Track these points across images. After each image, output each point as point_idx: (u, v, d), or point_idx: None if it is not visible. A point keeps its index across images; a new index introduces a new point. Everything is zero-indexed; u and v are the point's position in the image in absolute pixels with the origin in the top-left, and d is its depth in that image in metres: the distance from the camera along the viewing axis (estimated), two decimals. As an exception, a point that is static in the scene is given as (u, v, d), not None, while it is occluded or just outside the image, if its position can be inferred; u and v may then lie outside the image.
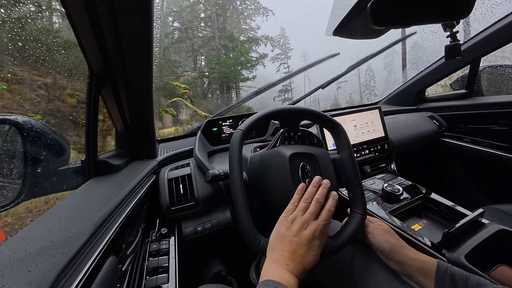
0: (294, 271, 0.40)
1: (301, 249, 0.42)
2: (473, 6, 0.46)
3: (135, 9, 0.47)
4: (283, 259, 0.41)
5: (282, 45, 33.00)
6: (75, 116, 3.55)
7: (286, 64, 33.29)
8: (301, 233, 0.43)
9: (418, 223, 0.83)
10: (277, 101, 31.45)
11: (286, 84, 30.79)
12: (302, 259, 0.41)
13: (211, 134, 1.14)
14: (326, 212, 0.46)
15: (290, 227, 0.44)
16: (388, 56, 61.02)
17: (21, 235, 0.37)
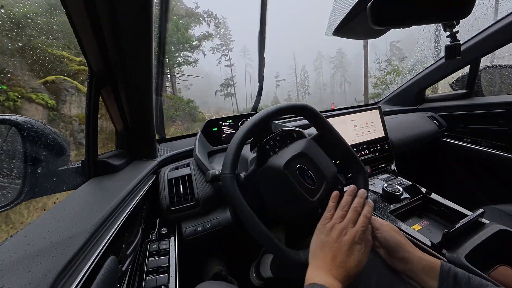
0: (337, 277, 0.40)
1: (342, 254, 0.42)
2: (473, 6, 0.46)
3: (135, 9, 0.47)
4: (326, 265, 0.42)
5: (223, 35, 30.84)
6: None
7: (228, 56, 31.34)
8: (341, 239, 0.44)
9: (418, 223, 0.83)
10: (218, 95, 30.10)
11: (228, 78, 29.69)
12: (344, 265, 0.42)
13: (211, 134, 1.14)
14: (363, 218, 0.47)
15: (330, 234, 0.45)
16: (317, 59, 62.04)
17: (21, 235, 0.37)
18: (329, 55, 59.64)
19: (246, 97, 54.40)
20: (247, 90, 50.78)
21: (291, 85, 53.44)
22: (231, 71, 31.38)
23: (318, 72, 60.15)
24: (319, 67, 59.70)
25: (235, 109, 36.49)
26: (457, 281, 0.43)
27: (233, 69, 31.52)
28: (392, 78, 12.13)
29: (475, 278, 0.43)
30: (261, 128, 0.57)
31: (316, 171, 0.58)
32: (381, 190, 0.96)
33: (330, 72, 60.48)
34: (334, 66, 57.54)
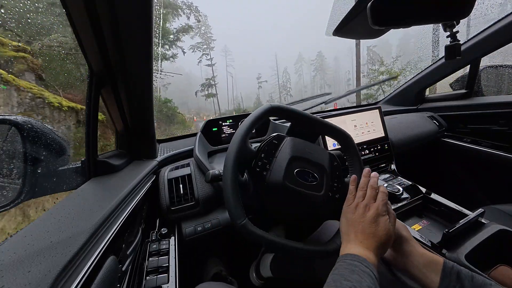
0: (369, 247, 0.44)
1: (371, 227, 0.46)
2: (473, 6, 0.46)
3: (135, 9, 0.47)
4: (357, 239, 0.45)
5: (203, 34, 29.58)
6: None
7: (209, 55, 30.12)
8: (366, 214, 0.48)
9: (418, 223, 0.83)
10: (199, 96, 28.85)
11: (209, 78, 28.51)
12: (373, 236, 0.45)
13: (211, 134, 1.14)
14: (382, 194, 0.51)
15: (355, 212, 0.49)
16: (297, 62, 62.32)
17: (21, 235, 0.37)
18: (310, 57, 60.10)
19: (228, 98, 53.92)
20: (229, 91, 50.18)
21: (273, 87, 53.37)
22: (212, 70, 30.38)
23: (299, 74, 60.60)
24: (300, 70, 60.14)
25: (217, 110, 35.64)
26: (460, 279, 0.43)
27: (214, 69, 30.56)
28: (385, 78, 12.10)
29: (478, 277, 0.43)
30: (243, 154, 0.55)
31: (313, 167, 0.58)
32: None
33: (310, 74, 60.88)
34: (315, 69, 57.95)
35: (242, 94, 25.43)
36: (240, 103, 36.07)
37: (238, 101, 32.83)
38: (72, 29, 0.51)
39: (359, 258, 0.40)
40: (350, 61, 60.47)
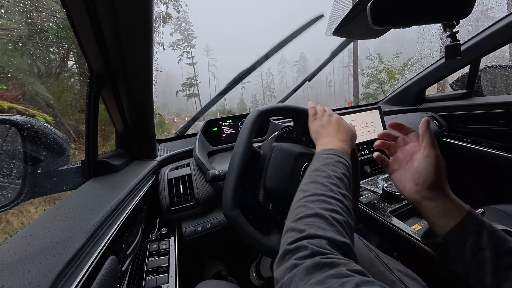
0: (342, 138, 0.49)
1: (338, 125, 0.53)
2: (473, 6, 0.46)
3: (135, 9, 0.47)
4: (330, 134, 0.50)
5: (184, 30, 27.60)
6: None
7: (190, 53, 28.25)
8: (331, 119, 0.54)
9: (418, 223, 0.83)
10: (180, 96, 27.25)
11: (191, 77, 27.04)
12: (342, 129, 0.52)
13: (211, 134, 1.14)
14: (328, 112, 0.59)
15: (322, 118, 0.55)
16: (280, 63, 62.24)
17: (21, 235, 0.37)
18: (293, 59, 60.05)
19: (210, 98, 53.24)
20: (211, 91, 49.04)
21: (257, 88, 52.88)
22: (194, 69, 28.96)
23: (282, 75, 60.40)
24: (283, 71, 59.99)
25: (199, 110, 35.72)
26: (480, 231, 0.38)
27: (195, 68, 29.09)
28: (384, 77, 11.58)
29: (500, 232, 0.40)
30: (249, 153, 0.56)
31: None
32: (381, 190, 0.96)
33: (293, 75, 60.88)
34: (298, 70, 58.03)
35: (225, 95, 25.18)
36: (224, 103, 35.61)
37: (221, 102, 32.07)
38: (72, 29, 0.51)
39: (334, 151, 0.44)
40: (331, 64, 60.89)
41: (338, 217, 0.30)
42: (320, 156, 0.43)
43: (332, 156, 0.42)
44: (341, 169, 0.39)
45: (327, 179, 0.36)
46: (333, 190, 0.34)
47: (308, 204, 0.31)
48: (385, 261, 0.61)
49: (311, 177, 0.38)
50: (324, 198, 0.32)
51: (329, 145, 0.46)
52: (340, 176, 0.38)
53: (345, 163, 0.41)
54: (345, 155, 0.44)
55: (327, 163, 0.40)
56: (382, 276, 0.57)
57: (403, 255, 0.82)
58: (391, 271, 0.58)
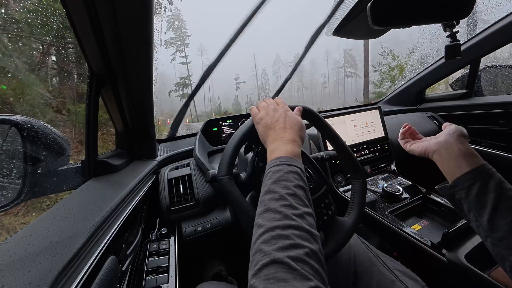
0: (290, 137, 0.46)
1: (285, 121, 0.49)
2: (473, 6, 0.46)
3: (135, 9, 0.47)
4: (278, 135, 0.47)
5: (177, 28, 26.85)
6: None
7: (184, 52, 27.37)
8: (275, 115, 0.51)
9: (418, 223, 0.83)
10: (173, 96, 26.41)
11: (184, 77, 26.19)
12: (290, 125, 0.49)
13: (211, 134, 1.14)
14: (277, 98, 0.57)
15: (266, 117, 0.51)
16: (275, 64, 61.82)
17: (21, 235, 0.37)
18: (287, 59, 59.54)
19: (204, 99, 51.89)
20: (205, 92, 47.94)
21: (252, 88, 51.80)
22: (187, 69, 28.10)
23: (277, 76, 59.85)
24: (278, 71, 59.53)
25: (193, 111, 33.21)
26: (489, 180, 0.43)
27: (189, 68, 28.20)
28: (396, 74, 10.73)
29: (507, 183, 0.44)
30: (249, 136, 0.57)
31: (317, 173, 0.58)
32: (381, 190, 0.96)
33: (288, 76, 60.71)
34: (293, 71, 57.54)
35: (219, 95, 24.05)
36: (219, 104, 34.73)
37: (215, 103, 30.71)
38: (72, 29, 0.51)
39: (282, 160, 0.41)
40: (326, 64, 60.54)
41: (298, 254, 0.27)
42: (270, 171, 0.41)
43: (281, 167, 0.40)
44: (293, 181, 0.37)
45: (279, 202, 0.34)
46: (288, 215, 0.32)
47: (264, 247, 0.29)
48: (384, 261, 0.61)
49: (264, 204, 0.35)
50: (280, 232, 0.30)
51: (277, 152, 0.44)
52: (293, 191, 0.36)
53: (296, 171, 0.40)
54: (296, 160, 0.42)
55: (277, 179, 0.38)
56: (382, 275, 0.57)
57: (403, 255, 0.82)
58: (390, 271, 0.58)
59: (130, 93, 0.68)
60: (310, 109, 0.60)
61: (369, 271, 0.59)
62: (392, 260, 0.63)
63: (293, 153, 0.43)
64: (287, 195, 0.35)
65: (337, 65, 59.08)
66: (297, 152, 0.44)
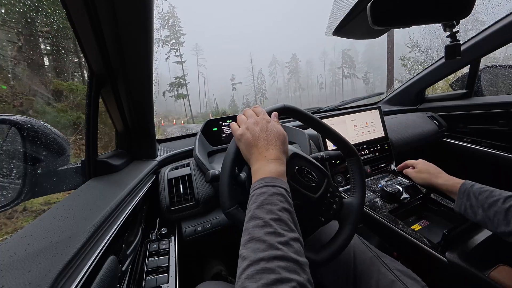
0: (273, 155, 0.45)
1: (267, 135, 0.47)
2: (473, 6, 0.46)
3: (135, 9, 0.47)
4: (261, 154, 0.45)
5: (171, 26, 25.99)
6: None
7: (178, 51, 26.51)
8: (256, 128, 0.48)
9: (418, 223, 0.83)
10: (167, 96, 25.59)
11: (179, 76, 25.12)
12: (273, 141, 0.47)
13: (211, 134, 1.14)
14: (256, 107, 0.55)
15: (246, 134, 0.49)
16: (272, 64, 61.34)
17: (21, 235, 0.37)
18: (284, 60, 59.15)
19: (200, 100, 50.62)
20: (201, 93, 46.30)
21: (248, 89, 50.88)
22: (182, 68, 26.78)
23: (273, 77, 59.06)
24: (274, 72, 58.88)
25: (188, 112, 31.85)
26: (469, 198, 0.62)
27: (184, 68, 26.90)
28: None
29: (485, 192, 0.57)
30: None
31: (316, 169, 0.58)
32: (381, 190, 0.96)
33: (284, 77, 59.84)
34: (290, 71, 56.81)
35: (215, 96, 23.50)
36: (217, 104, 34.21)
37: (211, 103, 29.95)
38: (72, 29, 0.51)
39: (266, 181, 0.40)
40: (323, 65, 60.24)
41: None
42: (254, 193, 0.39)
43: (265, 190, 0.38)
44: (277, 204, 0.36)
45: (263, 229, 0.32)
46: (273, 245, 0.30)
47: (248, 284, 0.27)
48: (385, 261, 0.61)
49: (248, 232, 0.34)
50: (264, 266, 0.28)
51: (260, 172, 0.42)
52: (277, 216, 0.34)
53: (281, 192, 0.38)
54: (280, 180, 0.40)
55: (261, 203, 0.36)
56: (382, 275, 0.57)
57: (403, 255, 0.82)
58: (390, 270, 0.58)
59: (130, 93, 0.68)
60: (287, 106, 0.59)
61: (369, 271, 0.59)
62: (392, 260, 0.63)
63: (277, 173, 0.42)
64: (271, 220, 0.33)
65: (334, 66, 58.86)
66: (281, 171, 0.43)
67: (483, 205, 0.57)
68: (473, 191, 0.61)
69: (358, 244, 0.66)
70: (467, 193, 0.62)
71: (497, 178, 1.26)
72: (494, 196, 0.57)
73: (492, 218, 0.55)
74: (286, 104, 0.59)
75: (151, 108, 0.78)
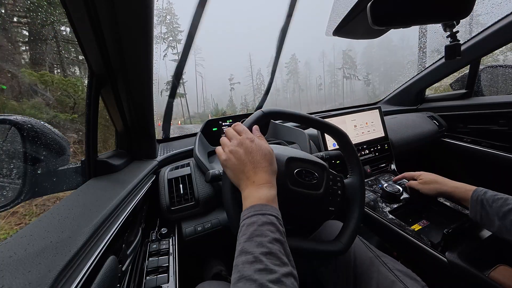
0: (262, 179, 0.43)
1: (253, 157, 0.45)
2: (473, 6, 0.46)
3: (135, 9, 0.47)
4: (249, 180, 0.43)
5: (169, 23, 25.29)
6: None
7: (176, 49, 25.71)
8: (239, 153, 0.46)
9: (418, 223, 0.83)
10: (164, 95, 24.17)
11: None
12: (260, 162, 0.45)
13: (211, 134, 1.14)
14: (237, 125, 0.52)
15: (231, 159, 0.46)
16: (270, 65, 60.80)
17: (21, 235, 0.37)
18: (282, 60, 58.53)
19: (197, 100, 50.14)
20: (198, 93, 45.09)
21: (247, 89, 49.85)
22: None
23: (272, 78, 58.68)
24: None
25: (185, 112, 31.07)
26: (483, 205, 0.59)
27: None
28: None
29: (499, 200, 0.56)
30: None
31: (314, 166, 0.58)
32: (381, 190, 0.96)
33: (283, 78, 58.89)
34: (289, 72, 55.76)
35: (213, 96, 22.92)
36: (217, 104, 33.60)
37: (208, 103, 29.43)
38: (72, 29, 0.51)
39: (255, 209, 0.38)
40: (322, 66, 59.90)
41: None
42: (243, 224, 0.38)
43: (254, 219, 0.37)
44: (268, 235, 0.34)
45: (254, 266, 0.31)
46: (263, 284, 0.29)
47: None
48: (385, 261, 0.61)
49: (238, 270, 0.32)
50: None
51: (250, 199, 0.41)
52: (268, 249, 0.32)
53: (271, 221, 0.37)
54: (270, 207, 0.39)
55: (251, 235, 0.35)
56: (382, 275, 0.57)
57: (403, 255, 0.82)
58: (390, 270, 0.58)
59: (130, 93, 0.68)
60: (266, 112, 0.57)
61: (369, 271, 0.59)
62: (392, 260, 0.63)
63: (267, 198, 0.40)
64: (262, 255, 0.32)
65: (332, 67, 58.57)
66: (271, 196, 0.41)
67: (498, 214, 0.55)
68: (486, 199, 0.59)
69: (358, 244, 0.66)
70: (480, 200, 0.60)
71: (497, 178, 1.25)
72: (509, 204, 0.55)
73: (509, 228, 0.53)
74: (265, 110, 0.57)
75: (151, 108, 0.78)
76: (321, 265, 0.68)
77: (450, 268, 0.62)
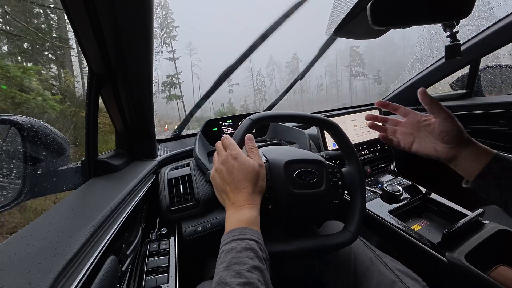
0: (244, 200, 0.41)
1: (232, 178, 0.43)
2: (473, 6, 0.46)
3: (135, 9, 0.47)
4: (231, 200, 0.42)
5: (163, 19, 23.25)
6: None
7: (171, 46, 23.51)
8: (223, 170, 0.44)
9: (418, 223, 0.83)
10: (159, 98, 23.09)
11: (172, 75, 22.71)
12: (241, 181, 0.43)
13: (211, 134, 1.14)
14: (224, 139, 0.49)
15: (218, 175, 0.45)
16: (269, 65, 60.12)
17: (21, 235, 0.37)
18: (281, 61, 56.50)
19: (194, 102, 49.13)
20: (195, 95, 41.99)
21: (247, 90, 47.75)
22: (175, 65, 23.76)
23: (271, 78, 54.88)
24: (272, 73, 55.54)
25: (182, 115, 28.22)
26: (504, 169, 0.43)
27: (177, 66, 23.94)
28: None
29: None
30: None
31: (312, 164, 0.58)
32: (381, 190, 0.96)
33: (282, 78, 57.11)
34: (290, 72, 53.72)
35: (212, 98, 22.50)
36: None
37: (205, 106, 29.18)
38: (72, 29, 0.51)
39: (235, 233, 0.37)
40: (323, 66, 59.33)
41: None
42: (222, 250, 0.36)
43: (233, 245, 0.35)
44: (247, 263, 0.33)
45: None
46: None
47: None
48: (385, 261, 0.61)
49: None
50: None
51: (230, 222, 0.39)
52: (246, 279, 0.31)
53: (251, 246, 0.35)
54: (250, 230, 0.37)
55: (229, 263, 0.33)
56: (382, 275, 0.57)
57: (403, 255, 0.82)
58: (391, 270, 0.58)
59: (130, 93, 0.68)
60: (256, 118, 0.56)
61: (369, 271, 0.59)
62: (393, 260, 0.63)
63: (247, 221, 0.39)
64: (239, 286, 0.30)
65: (332, 67, 57.99)
66: (251, 218, 0.39)
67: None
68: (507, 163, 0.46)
69: (358, 244, 0.66)
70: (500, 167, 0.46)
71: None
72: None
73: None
74: (253, 117, 0.55)
75: (151, 108, 0.78)
76: (321, 263, 0.68)
77: (450, 268, 0.62)
